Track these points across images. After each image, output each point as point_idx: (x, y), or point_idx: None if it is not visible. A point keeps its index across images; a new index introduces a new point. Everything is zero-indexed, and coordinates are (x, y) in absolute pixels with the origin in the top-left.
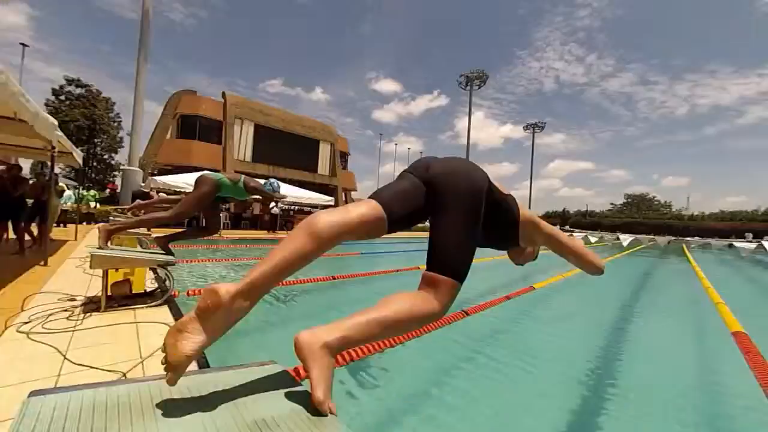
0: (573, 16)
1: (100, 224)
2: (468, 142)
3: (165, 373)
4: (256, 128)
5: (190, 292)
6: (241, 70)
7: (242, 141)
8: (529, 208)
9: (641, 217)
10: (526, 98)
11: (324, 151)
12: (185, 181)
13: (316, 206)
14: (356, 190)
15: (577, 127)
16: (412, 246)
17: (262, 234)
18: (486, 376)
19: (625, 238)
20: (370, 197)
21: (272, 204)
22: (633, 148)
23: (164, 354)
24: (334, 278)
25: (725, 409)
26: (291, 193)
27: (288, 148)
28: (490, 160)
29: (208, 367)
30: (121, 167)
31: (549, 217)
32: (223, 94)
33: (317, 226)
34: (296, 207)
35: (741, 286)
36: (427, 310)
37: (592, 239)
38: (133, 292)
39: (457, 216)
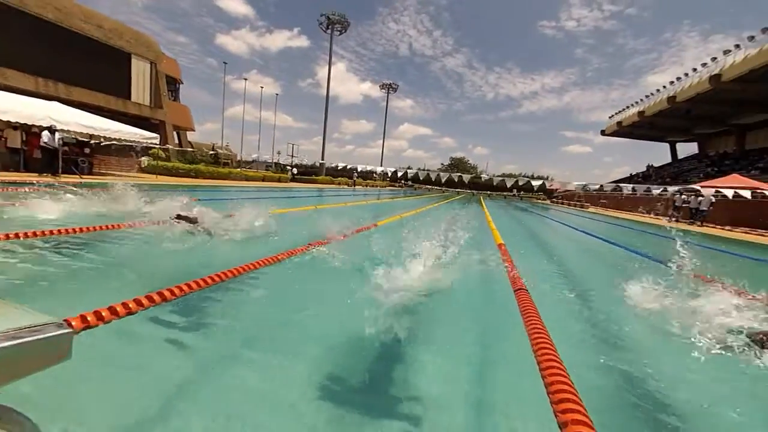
0: None
1: None
2: (327, 93)
3: None
4: (3, 12)
5: None
6: None
7: None
8: (381, 164)
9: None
10: (384, 58)
11: (140, 71)
12: None
13: (132, 143)
14: (194, 130)
15: (422, 95)
16: (264, 194)
17: (31, 176)
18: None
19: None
20: None
21: (48, 135)
22: (459, 121)
23: None
24: (160, 223)
25: (492, 289)
26: (86, 122)
27: (76, 56)
28: (350, 116)
29: None
30: None
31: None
32: None
33: None
34: (96, 141)
35: (505, 218)
36: None
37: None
38: None
39: None
